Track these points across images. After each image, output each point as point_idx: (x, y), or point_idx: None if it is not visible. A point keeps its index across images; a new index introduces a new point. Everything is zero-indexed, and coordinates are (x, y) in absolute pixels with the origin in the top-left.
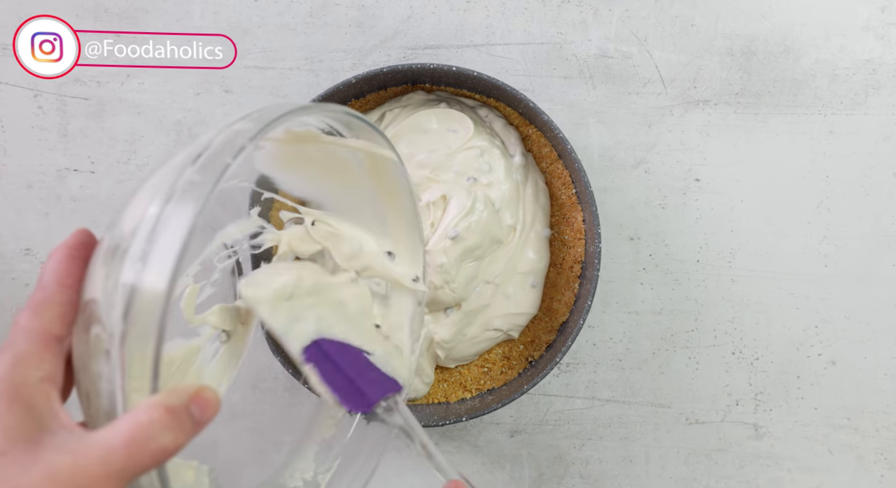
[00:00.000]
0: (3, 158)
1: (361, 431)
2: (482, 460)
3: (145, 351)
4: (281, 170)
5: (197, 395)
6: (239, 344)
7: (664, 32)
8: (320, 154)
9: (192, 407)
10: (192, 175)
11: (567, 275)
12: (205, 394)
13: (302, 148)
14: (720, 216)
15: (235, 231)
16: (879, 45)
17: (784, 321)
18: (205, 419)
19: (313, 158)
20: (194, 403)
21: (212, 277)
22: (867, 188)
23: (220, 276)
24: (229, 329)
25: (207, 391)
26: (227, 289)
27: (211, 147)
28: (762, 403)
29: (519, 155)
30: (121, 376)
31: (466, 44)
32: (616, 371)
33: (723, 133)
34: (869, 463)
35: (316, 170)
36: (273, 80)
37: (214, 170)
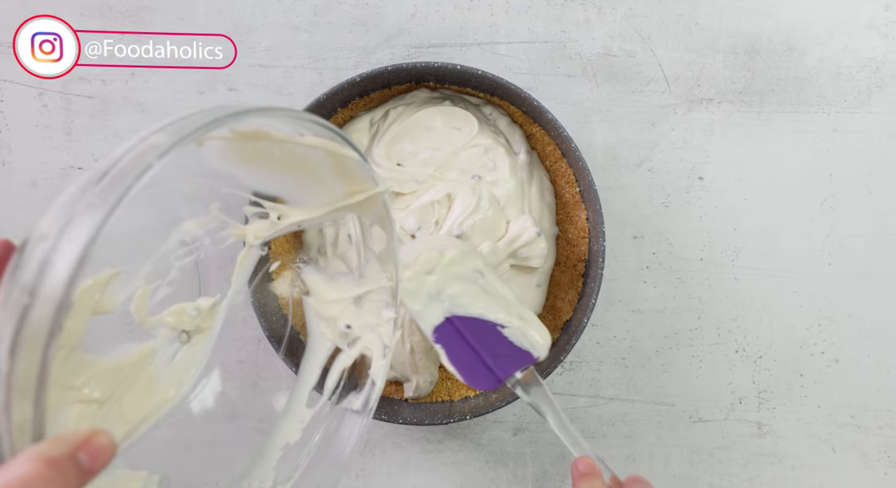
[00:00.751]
0: (7, 156)
1: (327, 439)
2: (486, 458)
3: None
4: (237, 166)
5: (87, 442)
6: (201, 343)
7: (668, 31)
8: (278, 150)
9: (81, 455)
10: (92, 197)
11: (571, 273)
12: (97, 440)
13: (255, 144)
14: (723, 214)
15: (194, 227)
16: (883, 43)
17: (787, 319)
18: (96, 467)
19: (271, 154)
20: (83, 451)
21: (168, 277)
22: (871, 186)
23: (179, 275)
24: (190, 329)
25: (101, 436)
26: (187, 287)
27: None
28: (765, 401)
29: (524, 153)
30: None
31: (470, 42)
32: (619, 369)
33: (726, 131)
34: (872, 461)
35: (276, 165)
36: (277, 78)
37: (115, 192)
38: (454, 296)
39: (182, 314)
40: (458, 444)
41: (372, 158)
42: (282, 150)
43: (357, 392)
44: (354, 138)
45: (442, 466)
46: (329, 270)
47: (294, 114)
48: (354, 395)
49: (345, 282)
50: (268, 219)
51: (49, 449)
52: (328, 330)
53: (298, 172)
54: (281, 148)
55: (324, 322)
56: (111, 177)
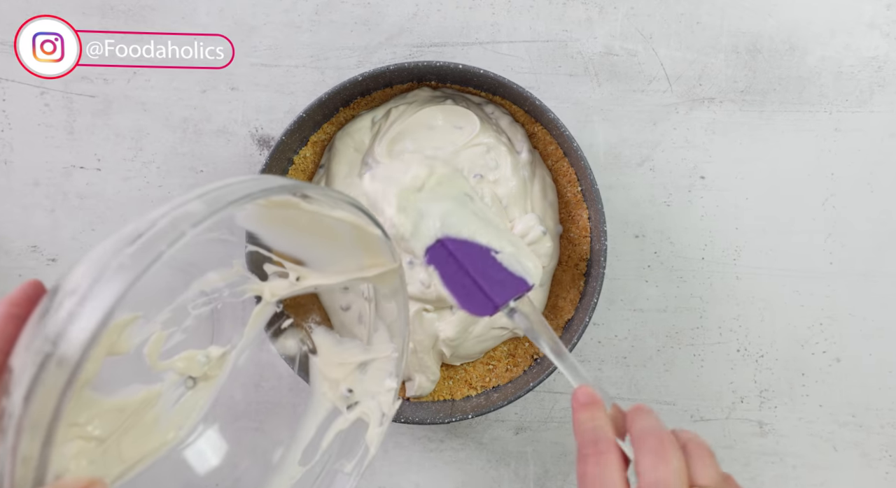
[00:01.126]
0: (9, 155)
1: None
2: (487, 457)
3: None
4: (264, 228)
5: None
6: (206, 390)
7: (669, 30)
8: (305, 217)
9: None
10: (125, 258)
11: (572, 272)
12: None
13: (285, 211)
14: (725, 213)
15: (216, 279)
16: (885, 42)
17: (789, 318)
18: None
19: (298, 221)
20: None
21: (184, 323)
22: (872, 185)
23: (194, 323)
24: (197, 375)
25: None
26: (200, 334)
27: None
28: (767, 400)
29: (526, 151)
30: (10, 463)
31: (472, 41)
32: (621, 368)
33: (728, 131)
34: (874, 460)
35: (301, 231)
36: (279, 77)
37: (147, 256)
38: (445, 215)
39: (192, 360)
40: (460, 443)
41: (374, 157)
42: (309, 219)
43: (350, 455)
44: (356, 137)
45: (444, 465)
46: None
47: (328, 192)
48: (347, 459)
49: (352, 347)
50: (287, 278)
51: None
52: (330, 391)
53: (322, 239)
54: (309, 217)
55: (327, 382)
56: (145, 240)
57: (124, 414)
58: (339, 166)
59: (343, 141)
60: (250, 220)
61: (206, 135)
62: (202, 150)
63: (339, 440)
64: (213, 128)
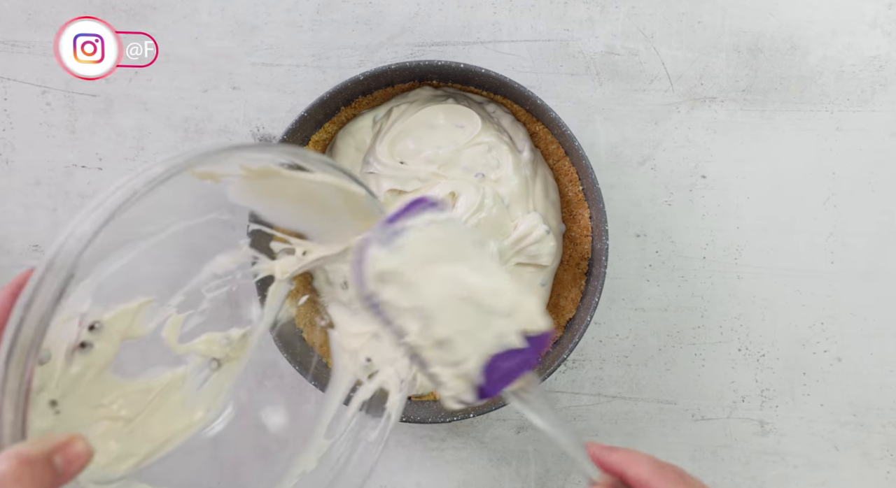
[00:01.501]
0: (11, 155)
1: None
2: (488, 456)
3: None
4: (258, 203)
5: (64, 445)
6: (231, 371)
7: (671, 29)
8: (292, 186)
9: (56, 457)
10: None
11: (574, 271)
12: (74, 445)
13: (270, 181)
14: (726, 213)
15: (227, 262)
16: (886, 41)
17: (790, 318)
18: (70, 471)
19: (286, 190)
20: (59, 454)
21: (199, 307)
22: (874, 185)
23: (210, 305)
24: (220, 357)
25: (78, 442)
26: (220, 317)
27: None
28: (768, 400)
29: (527, 150)
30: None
31: (473, 41)
32: (622, 367)
33: (729, 130)
34: (875, 459)
35: (294, 203)
36: (280, 76)
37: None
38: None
39: (212, 343)
40: (461, 442)
41: (375, 156)
42: (296, 188)
43: (373, 424)
44: (357, 137)
45: (445, 464)
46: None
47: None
48: (371, 427)
49: (366, 317)
50: (294, 254)
51: (26, 449)
52: (350, 362)
53: (316, 210)
54: (295, 185)
55: (346, 355)
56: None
57: (149, 396)
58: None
59: (344, 140)
60: (241, 195)
61: (208, 135)
62: None
63: (363, 410)
64: (215, 127)
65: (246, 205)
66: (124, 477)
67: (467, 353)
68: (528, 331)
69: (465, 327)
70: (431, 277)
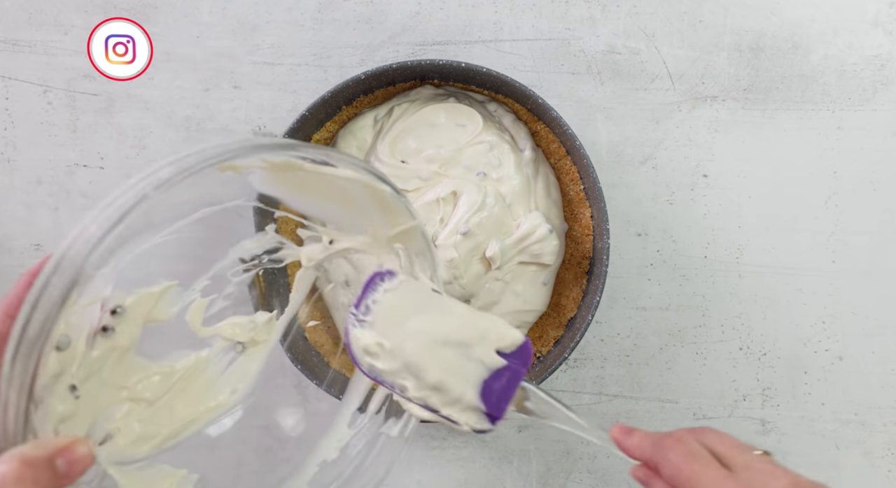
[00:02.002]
0: (12, 154)
1: (362, 461)
2: (490, 455)
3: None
4: (280, 191)
5: (66, 448)
6: (257, 355)
7: (672, 28)
8: (316, 179)
9: (58, 460)
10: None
11: (575, 270)
12: (76, 448)
13: (294, 174)
14: (728, 212)
15: (252, 247)
16: (888, 40)
17: (791, 316)
18: (73, 473)
19: (312, 184)
20: (61, 456)
21: (224, 291)
22: (875, 184)
23: (235, 290)
24: (244, 341)
25: (81, 446)
26: (244, 300)
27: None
28: (769, 399)
29: (529, 149)
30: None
31: (475, 40)
32: (623, 366)
33: (731, 129)
34: (876, 458)
35: (320, 195)
36: (282, 75)
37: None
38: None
39: (237, 326)
40: (463, 441)
41: (376, 155)
42: (321, 180)
43: (396, 419)
44: (359, 136)
45: (446, 463)
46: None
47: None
48: (394, 422)
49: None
50: (320, 242)
51: (28, 451)
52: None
53: (342, 202)
54: (319, 178)
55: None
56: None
57: (173, 379)
58: None
59: (345, 139)
60: (265, 185)
61: (209, 134)
62: None
63: (387, 403)
64: (216, 126)
65: (271, 193)
66: (146, 458)
67: (462, 389)
68: (504, 348)
69: (449, 367)
70: (406, 336)
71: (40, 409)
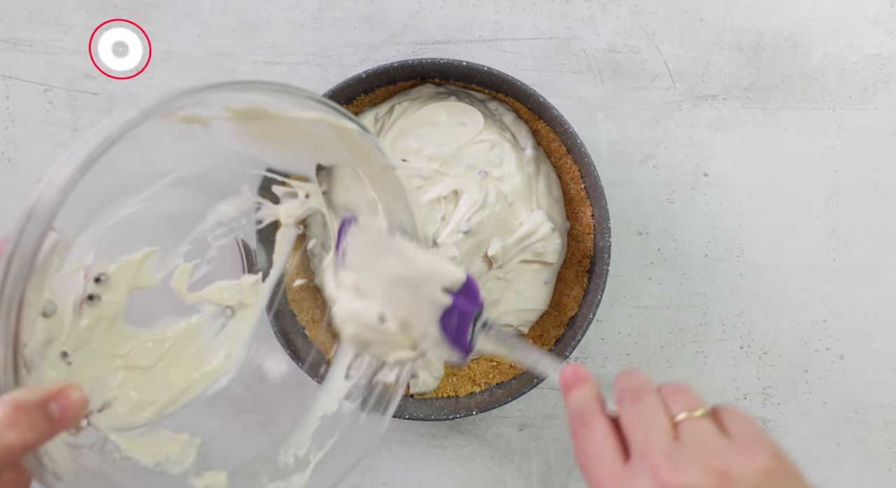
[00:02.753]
0: (13, 153)
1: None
2: (491, 453)
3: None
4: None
5: (59, 393)
6: (247, 318)
7: (673, 27)
8: (285, 127)
9: (52, 404)
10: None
11: (576, 269)
12: (68, 393)
13: (261, 123)
14: (728, 211)
15: (229, 209)
16: (889, 39)
17: (792, 315)
18: (66, 418)
19: (280, 132)
20: (55, 401)
21: (207, 255)
22: (876, 182)
23: (218, 253)
24: (233, 304)
25: (74, 390)
26: (230, 264)
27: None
28: (770, 397)
29: (530, 148)
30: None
31: (475, 39)
32: (624, 365)
33: (731, 128)
34: (877, 456)
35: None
36: (282, 74)
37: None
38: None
39: (224, 290)
40: (464, 440)
41: None
42: (289, 128)
43: (388, 369)
44: None
45: (447, 461)
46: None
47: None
48: (388, 368)
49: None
50: (297, 197)
51: (21, 395)
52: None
53: (315, 150)
54: (287, 125)
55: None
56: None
57: (165, 345)
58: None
59: None
60: (236, 138)
61: None
62: None
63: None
64: None
65: (243, 148)
66: (147, 424)
67: (424, 325)
68: (449, 288)
69: (408, 304)
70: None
71: (32, 374)
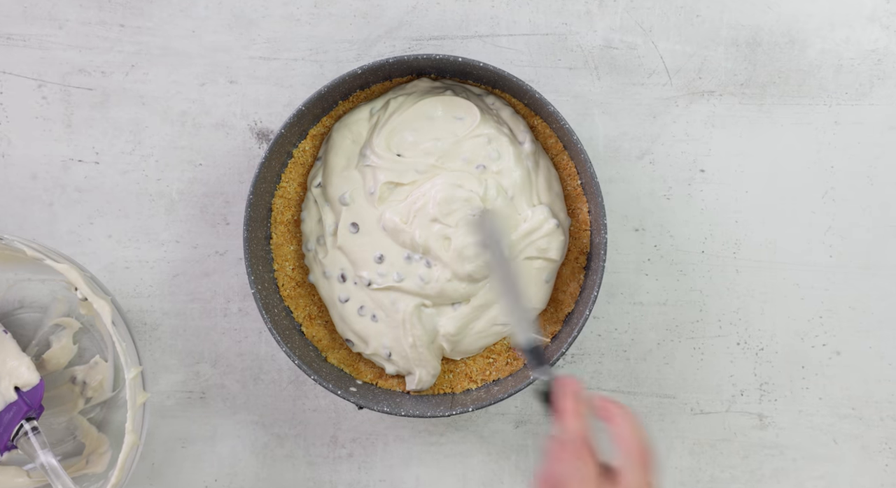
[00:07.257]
0: (7, 149)
1: None
2: (487, 450)
3: None
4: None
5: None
6: None
7: (669, 23)
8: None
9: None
10: None
11: (572, 265)
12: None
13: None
14: (725, 207)
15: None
16: (885, 35)
17: (789, 311)
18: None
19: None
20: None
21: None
22: (872, 178)
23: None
24: None
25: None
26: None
27: None
28: (767, 393)
29: (528, 142)
30: None
31: (471, 35)
32: (621, 361)
33: (728, 124)
34: (873, 452)
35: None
36: (278, 70)
37: None
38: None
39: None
40: (461, 437)
41: (372, 149)
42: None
43: None
44: (354, 129)
45: (444, 458)
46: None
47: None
48: None
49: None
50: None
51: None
52: None
53: None
54: None
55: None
56: None
57: None
58: (337, 158)
59: (341, 133)
60: None
61: (205, 129)
62: (201, 144)
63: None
64: (212, 121)
65: None
66: None
67: None
68: (21, 386)
69: None
70: None
71: None
